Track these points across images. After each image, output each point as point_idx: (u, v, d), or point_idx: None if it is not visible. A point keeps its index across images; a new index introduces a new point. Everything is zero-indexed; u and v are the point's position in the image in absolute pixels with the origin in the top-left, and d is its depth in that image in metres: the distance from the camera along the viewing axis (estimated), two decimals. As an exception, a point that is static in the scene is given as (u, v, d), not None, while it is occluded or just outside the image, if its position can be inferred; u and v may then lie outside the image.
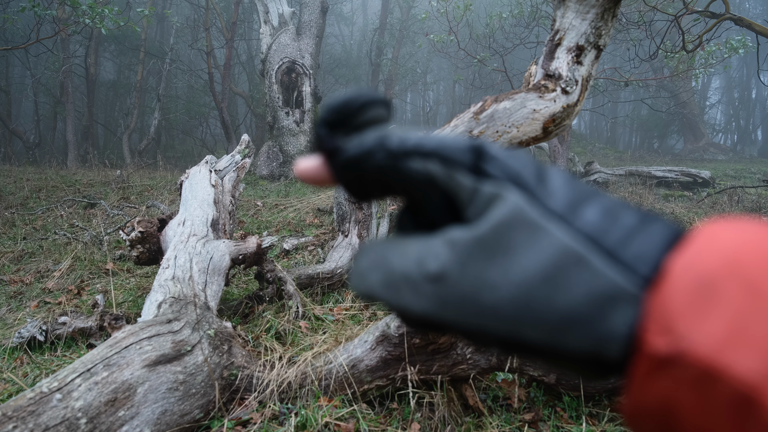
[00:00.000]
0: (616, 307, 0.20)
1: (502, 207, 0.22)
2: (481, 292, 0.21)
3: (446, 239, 0.23)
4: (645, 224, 0.21)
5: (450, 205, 0.25)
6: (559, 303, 0.20)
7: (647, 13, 6.62)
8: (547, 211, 0.22)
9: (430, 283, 0.22)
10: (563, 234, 0.21)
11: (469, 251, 0.22)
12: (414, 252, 0.24)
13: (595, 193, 0.23)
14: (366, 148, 0.26)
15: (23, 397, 1.40)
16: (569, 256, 0.20)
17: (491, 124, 1.25)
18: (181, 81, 16.46)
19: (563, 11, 1.27)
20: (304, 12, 9.34)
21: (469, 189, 0.23)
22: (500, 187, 0.22)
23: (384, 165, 0.25)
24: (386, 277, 0.24)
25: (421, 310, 0.23)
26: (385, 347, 1.90)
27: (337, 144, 0.27)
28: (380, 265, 0.25)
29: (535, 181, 0.23)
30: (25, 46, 6.54)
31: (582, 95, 1.30)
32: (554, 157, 10.07)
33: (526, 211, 0.22)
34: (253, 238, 2.90)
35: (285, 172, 8.67)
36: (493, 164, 0.23)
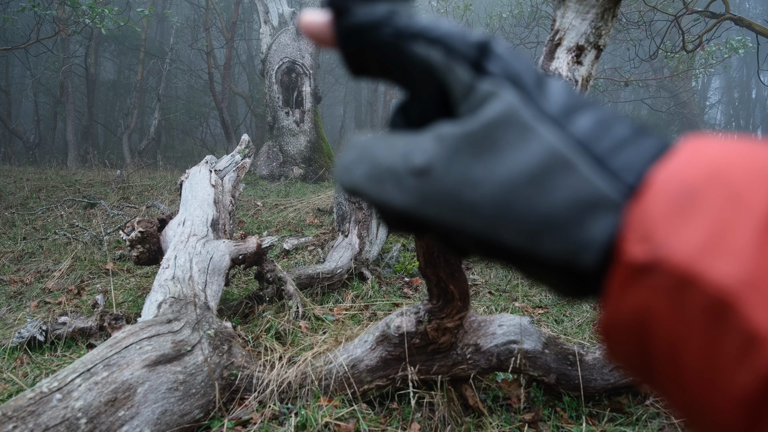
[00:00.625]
0: (597, 214, 0.19)
1: (496, 105, 0.21)
2: (464, 189, 0.21)
3: (435, 134, 0.22)
4: (637, 137, 0.21)
5: (444, 100, 0.24)
6: (540, 205, 0.20)
7: (647, 13, 6.62)
8: (540, 113, 0.21)
9: (414, 176, 0.22)
10: (553, 137, 0.20)
11: (456, 146, 0.21)
12: (401, 146, 0.23)
13: (593, 104, 0.22)
14: (374, 17, 0.24)
15: (23, 397, 1.40)
16: (557, 159, 0.20)
17: (491, 124, 1.25)
18: (181, 81, 16.46)
19: (563, 11, 1.27)
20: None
21: (466, 83, 0.23)
22: (497, 85, 0.22)
23: (387, 41, 0.24)
24: (371, 170, 0.24)
25: (403, 204, 0.22)
26: (385, 347, 1.90)
27: (347, 4, 0.25)
28: (366, 158, 0.24)
29: (534, 83, 0.22)
30: (25, 46, 6.54)
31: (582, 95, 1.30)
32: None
33: (519, 110, 0.21)
34: (253, 238, 2.90)
35: (285, 172, 8.67)
36: (495, 62, 0.23)
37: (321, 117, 9.70)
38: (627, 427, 1.88)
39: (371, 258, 3.77)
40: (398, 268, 3.95)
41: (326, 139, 9.46)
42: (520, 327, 1.96)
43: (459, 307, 1.77)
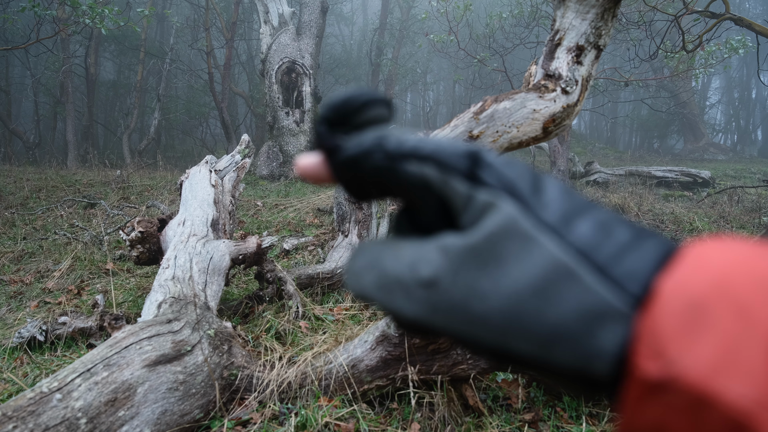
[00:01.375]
0: (605, 325, 0.20)
1: (496, 216, 0.22)
2: (472, 301, 0.21)
3: (439, 245, 0.23)
4: (638, 241, 0.21)
5: (445, 210, 0.25)
6: (548, 316, 0.20)
7: (647, 13, 6.62)
8: (539, 223, 0.22)
9: (421, 288, 0.22)
10: (555, 247, 0.21)
11: (461, 259, 0.22)
12: (408, 256, 0.24)
13: (591, 206, 0.23)
14: (364, 148, 0.25)
15: (23, 397, 1.40)
16: (560, 270, 0.20)
17: (491, 124, 1.25)
18: (181, 81, 16.46)
19: (563, 11, 1.27)
20: (304, 12, 9.34)
21: (464, 195, 0.23)
22: (494, 195, 0.22)
23: (381, 166, 0.25)
24: (380, 279, 0.24)
25: (413, 314, 0.23)
26: (385, 347, 1.90)
27: (336, 142, 0.26)
28: (374, 266, 0.25)
29: (530, 191, 0.23)
30: (25, 46, 6.54)
31: (582, 95, 1.30)
32: (554, 157, 10.07)
33: (518, 221, 0.22)
34: (253, 238, 2.90)
35: (285, 172, 8.67)
36: (489, 172, 0.23)
37: (321, 117, 9.69)
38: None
39: (371, 258, 3.77)
40: (398, 268, 3.95)
41: (326, 139, 9.45)
42: (520, 327, 1.96)
43: (459, 307, 1.77)
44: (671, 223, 5.51)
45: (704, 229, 5.01)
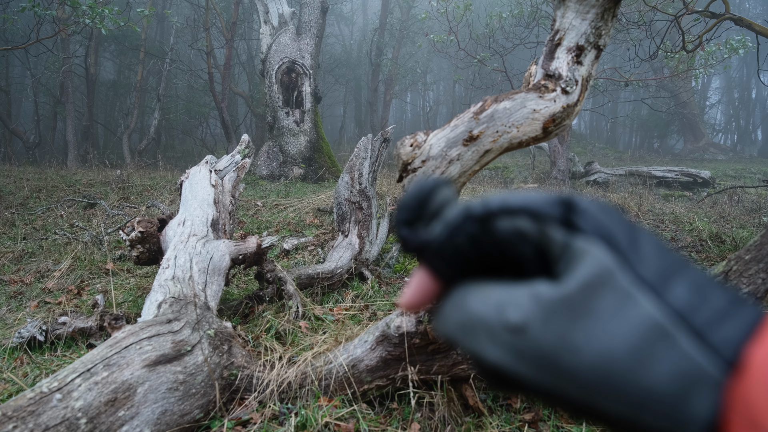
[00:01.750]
0: (699, 391, 0.19)
1: (590, 264, 0.21)
2: (562, 353, 0.21)
3: (532, 292, 0.22)
4: (734, 307, 0.21)
5: (540, 259, 0.24)
6: (642, 378, 0.20)
7: (647, 13, 6.62)
8: (637, 278, 0.21)
9: (508, 332, 0.22)
10: (653, 306, 0.20)
11: (554, 308, 0.21)
12: (495, 298, 0.23)
13: (686, 265, 0.22)
14: (454, 224, 0.26)
15: (23, 397, 1.40)
16: (657, 331, 0.20)
17: (491, 124, 1.25)
18: (181, 81, 16.46)
19: (563, 11, 1.27)
20: (304, 12, 9.34)
21: (561, 243, 0.23)
22: (590, 243, 0.22)
23: (474, 232, 0.25)
24: (464, 320, 0.24)
25: (496, 359, 0.22)
26: (385, 347, 1.90)
27: (423, 237, 0.27)
28: (459, 307, 0.25)
29: (627, 242, 0.22)
30: (25, 46, 6.54)
31: (582, 95, 1.30)
32: (554, 157, 10.07)
33: (615, 274, 0.21)
34: (253, 238, 2.90)
35: (285, 172, 8.67)
36: (585, 218, 0.23)
37: (321, 117, 9.69)
38: None
39: (371, 258, 3.77)
40: (398, 268, 3.95)
41: (326, 139, 9.46)
42: (520, 327, 1.96)
43: (459, 307, 1.77)
44: (671, 223, 5.51)
45: (704, 229, 5.01)
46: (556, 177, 9.89)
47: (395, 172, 1.46)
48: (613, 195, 6.70)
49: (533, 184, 9.04)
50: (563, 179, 9.82)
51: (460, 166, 1.24)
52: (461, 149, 1.23)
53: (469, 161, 1.25)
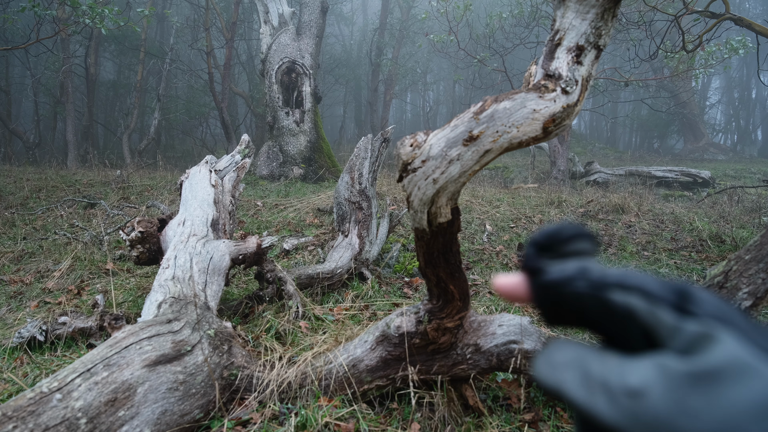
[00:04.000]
0: None
1: (722, 349, 0.22)
2: (680, 419, 0.21)
3: (656, 363, 0.23)
4: None
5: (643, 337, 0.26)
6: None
7: (647, 13, 6.61)
8: (760, 351, 0.22)
9: (627, 396, 0.23)
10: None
11: (678, 379, 0.22)
12: (616, 364, 0.25)
13: None
14: (568, 274, 0.27)
15: (23, 397, 1.40)
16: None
17: (491, 124, 1.25)
18: (181, 81, 16.46)
19: (563, 11, 1.27)
20: (304, 12, 9.34)
21: (671, 325, 0.24)
22: (709, 326, 0.23)
23: (583, 293, 0.27)
24: (583, 379, 0.25)
25: (611, 419, 0.23)
26: (385, 347, 1.90)
27: (541, 265, 0.29)
28: (578, 366, 0.26)
29: (743, 321, 0.24)
30: (25, 46, 6.54)
31: (582, 95, 1.30)
32: (554, 157, 10.07)
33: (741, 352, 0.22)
34: (253, 238, 2.90)
35: (285, 172, 8.67)
36: (699, 305, 0.24)
37: (321, 117, 9.69)
38: None
39: (371, 258, 3.77)
40: (398, 268, 3.95)
41: (326, 139, 9.46)
42: (520, 327, 1.96)
43: (459, 307, 1.77)
44: (671, 223, 5.51)
45: (704, 229, 5.01)
46: (556, 177, 9.89)
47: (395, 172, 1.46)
48: (613, 195, 6.70)
49: (533, 184, 9.04)
50: (563, 179, 9.82)
51: (460, 166, 1.24)
52: (461, 149, 1.23)
53: (469, 161, 1.24)
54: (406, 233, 4.82)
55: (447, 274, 1.63)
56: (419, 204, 1.37)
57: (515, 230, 5.22)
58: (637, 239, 4.87)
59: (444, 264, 1.59)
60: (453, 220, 1.45)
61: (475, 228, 5.18)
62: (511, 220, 5.61)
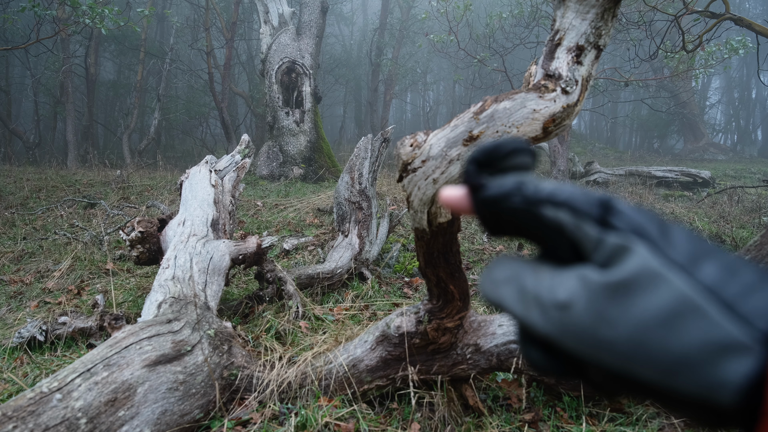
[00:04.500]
0: (730, 357, 0.21)
1: (634, 260, 0.24)
2: (600, 326, 0.23)
3: (580, 275, 0.25)
4: (764, 282, 0.22)
5: (573, 248, 0.28)
6: (673, 346, 0.22)
7: (647, 13, 6.61)
8: (669, 261, 0.23)
9: (556, 309, 0.25)
10: (683, 283, 0.23)
11: (597, 291, 0.24)
12: (547, 279, 0.27)
13: (716, 250, 0.24)
14: (505, 190, 0.29)
15: (23, 397, 1.40)
16: (687, 304, 0.22)
17: (491, 124, 1.25)
18: (181, 81, 16.46)
19: (563, 11, 1.27)
20: (304, 12, 9.34)
21: (594, 239, 0.26)
22: (626, 238, 0.25)
23: (518, 208, 0.28)
24: (519, 294, 0.27)
25: (545, 330, 0.25)
26: (385, 347, 1.90)
27: (481, 181, 0.30)
28: (514, 282, 0.28)
29: (658, 233, 0.25)
30: (25, 46, 6.54)
31: (582, 95, 1.30)
32: (554, 157, 10.07)
33: (651, 261, 0.23)
34: (253, 238, 2.90)
35: (285, 172, 8.67)
36: (620, 218, 0.26)
37: (321, 117, 9.69)
38: (627, 427, 1.88)
39: (371, 258, 3.77)
40: (398, 268, 3.95)
41: (326, 139, 9.46)
42: (520, 327, 1.96)
43: (459, 307, 1.77)
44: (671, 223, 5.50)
45: (704, 229, 5.01)
46: (555, 177, 9.89)
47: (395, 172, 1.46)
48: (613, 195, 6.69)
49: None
50: (563, 179, 9.82)
51: (460, 166, 1.24)
52: (461, 149, 1.23)
53: (469, 161, 1.24)
54: (406, 233, 4.82)
55: (447, 274, 1.63)
56: (419, 204, 1.37)
57: (515, 230, 5.22)
58: (637, 239, 4.86)
59: (444, 264, 1.59)
60: (453, 220, 1.45)
61: (475, 228, 5.18)
62: (511, 220, 5.60)
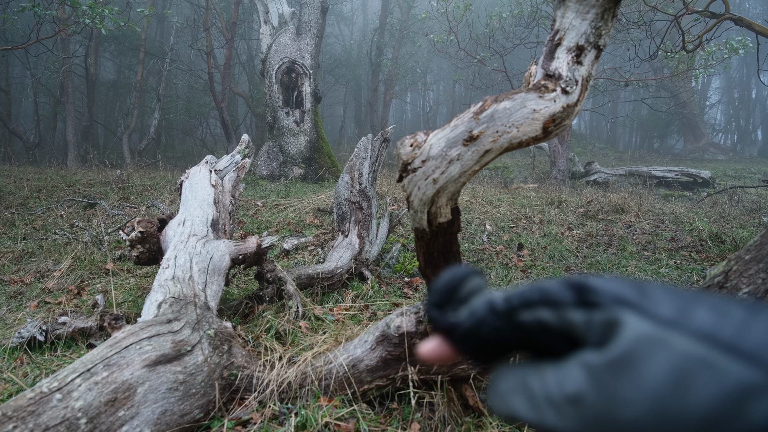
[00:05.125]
0: (753, 400, 0.20)
1: (627, 331, 0.23)
2: (618, 409, 0.22)
3: (581, 363, 0.25)
4: (755, 313, 0.22)
5: (565, 338, 0.27)
6: (694, 407, 0.20)
7: (647, 13, 6.61)
8: (659, 321, 0.23)
9: (569, 404, 0.24)
10: (680, 339, 0.22)
11: (602, 373, 0.23)
12: (552, 376, 0.26)
13: (698, 295, 0.24)
14: (478, 316, 0.29)
15: (23, 397, 1.40)
16: (691, 360, 0.21)
17: (491, 125, 1.25)
18: (181, 81, 16.46)
19: (563, 11, 1.27)
20: (304, 12, 9.34)
21: (582, 322, 0.25)
22: (612, 312, 0.24)
23: (498, 325, 0.28)
24: (530, 401, 0.26)
25: (566, 429, 0.24)
26: (385, 347, 1.90)
27: (451, 321, 0.30)
28: (522, 389, 0.27)
29: (638, 296, 0.24)
30: (25, 46, 6.54)
31: (582, 95, 1.30)
32: (554, 157, 10.07)
33: (644, 328, 0.23)
34: (253, 238, 2.90)
35: (285, 172, 8.67)
36: (596, 294, 0.25)
37: (321, 117, 9.69)
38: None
39: (371, 258, 3.77)
40: (398, 268, 3.95)
41: (326, 139, 9.46)
42: (520, 327, 1.96)
43: (459, 307, 1.77)
44: (671, 223, 5.51)
45: (704, 229, 5.01)
46: (556, 177, 9.89)
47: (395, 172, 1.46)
48: (613, 195, 6.70)
49: (533, 184, 9.04)
50: (563, 179, 9.82)
51: (460, 166, 1.24)
52: (461, 149, 1.23)
53: (469, 161, 1.25)
54: (406, 233, 4.82)
55: (447, 274, 1.62)
56: (419, 204, 1.37)
57: (515, 230, 5.22)
58: (637, 239, 4.87)
59: (444, 264, 1.59)
60: (453, 220, 1.45)
61: (475, 228, 5.18)
62: (511, 220, 5.61)
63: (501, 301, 0.28)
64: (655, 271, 3.92)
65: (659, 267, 4.03)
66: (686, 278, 3.78)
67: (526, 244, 4.64)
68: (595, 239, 4.89)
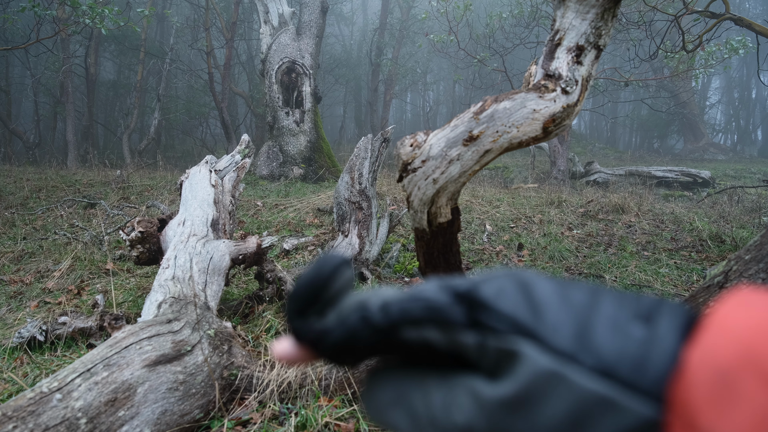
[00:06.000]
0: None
1: (525, 367, 0.21)
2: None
3: (471, 392, 0.23)
4: (654, 329, 0.21)
5: (451, 354, 0.24)
6: None
7: (647, 13, 6.61)
8: (557, 355, 0.21)
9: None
10: (579, 376, 0.20)
11: (495, 409, 0.22)
12: (437, 399, 0.24)
13: (594, 300, 0.22)
14: (349, 328, 0.25)
15: (23, 397, 1.40)
16: (590, 400, 0.20)
17: (491, 124, 1.25)
18: (181, 81, 16.47)
19: (563, 11, 1.27)
20: (304, 12, 9.34)
21: (473, 346, 0.23)
22: (508, 341, 0.22)
23: (375, 341, 0.24)
24: (411, 420, 0.24)
25: None
26: (385, 347, 1.90)
27: (316, 331, 0.25)
28: (402, 405, 0.25)
29: (531, 317, 0.22)
30: (25, 46, 6.54)
31: (582, 95, 1.30)
32: (554, 157, 10.07)
33: (543, 365, 0.21)
34: (253, 238, 2.90)
35: (285, 172, 8.67)
36: (491, 316, 0.23)
37: (321, 117, 9.69)
38: None
39: (371, 258, 3.77)
40: (398, 268, 3.95)
41: (326, 139, 9.46)
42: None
43: (459, 307, 1.77)
44: (671, 223, 5.51)
45: (704, 229, 5.01)
46: (556, 177, 9.89)
47: (395, 172, 1.46)
48: (613, 195, 6.70)
49: (533, 184, 9.04)
50: (563, 179, 9.82)
51: (460, 166, 1.24)
52: (461, 149, 1.23)
53: (469, 161, 1.25)
54: (406, 233, 4.82)
55: (447, 274, 1.63)
56: (419, 204, 1.37)
57: (515, 230, 5.22)
58: (637, 239, 4.87)
59: (444, 264, 1.59)
60: (453, 220, 1.45)
61: (475, 228, 5.18)
62: (511, 220, 5.61)
63: (377, 312, 0.24)
64: (655, 271, 3.92)
65: (659, 267, 4.03)
66: (686, 278, 3.78)
67: (526, 244, 4.64)
68: (595, 239, 4.89)
